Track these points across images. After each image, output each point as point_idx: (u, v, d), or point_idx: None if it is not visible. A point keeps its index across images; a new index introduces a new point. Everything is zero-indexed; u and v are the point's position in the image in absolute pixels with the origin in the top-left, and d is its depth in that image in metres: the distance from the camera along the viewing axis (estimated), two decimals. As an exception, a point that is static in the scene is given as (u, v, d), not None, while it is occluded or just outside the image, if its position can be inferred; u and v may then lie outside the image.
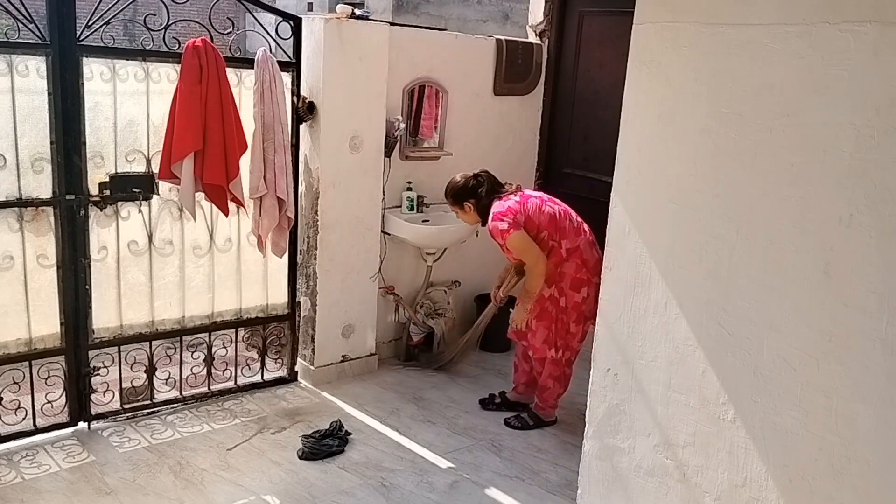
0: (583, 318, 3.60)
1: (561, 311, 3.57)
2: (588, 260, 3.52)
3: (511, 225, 3.45)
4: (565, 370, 3.73)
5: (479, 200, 3.62)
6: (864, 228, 1.82)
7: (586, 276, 3.51)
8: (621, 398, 2.43)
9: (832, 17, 1.85)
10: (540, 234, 3.49)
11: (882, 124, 1.78)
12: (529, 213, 3.50)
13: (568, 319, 3.59)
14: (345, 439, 3.53)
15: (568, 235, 3.52)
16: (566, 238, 3.51)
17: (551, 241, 3.51)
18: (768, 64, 1.97)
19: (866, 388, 1.84)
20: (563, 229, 3.52)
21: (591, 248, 3.55)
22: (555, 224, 3.51)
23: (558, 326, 3.59)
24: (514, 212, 3.48)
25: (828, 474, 1.93)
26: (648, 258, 2.30)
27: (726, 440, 2.15)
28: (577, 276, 3.51)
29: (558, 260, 3.51)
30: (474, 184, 3.65)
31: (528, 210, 3.50)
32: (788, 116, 1.95)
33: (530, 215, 3.49)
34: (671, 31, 2.18)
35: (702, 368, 2.19)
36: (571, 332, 3.62)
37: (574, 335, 3.64)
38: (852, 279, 1.85)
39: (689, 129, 2.17)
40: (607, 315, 2.46)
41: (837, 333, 1.89)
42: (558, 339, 3.62)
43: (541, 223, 3.49)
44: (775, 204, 1.99)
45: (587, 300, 3.53)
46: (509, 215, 3.47)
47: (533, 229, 3.48)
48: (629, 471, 2.43)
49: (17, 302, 3.21)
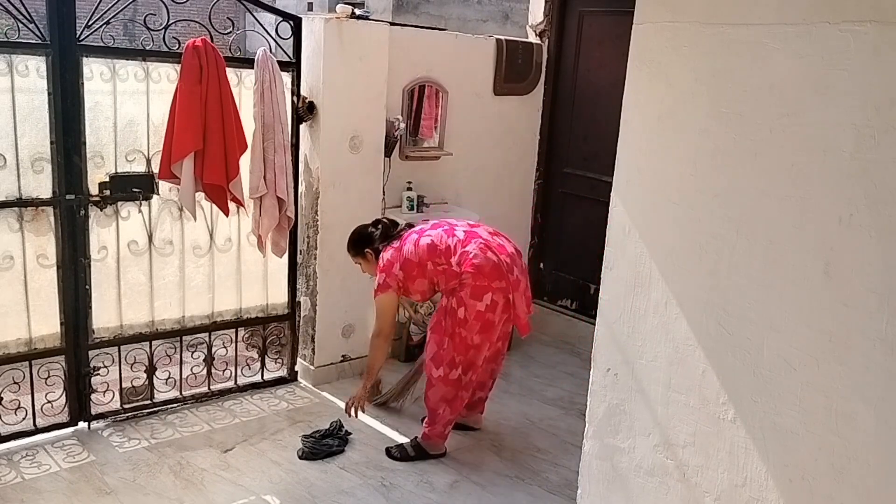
0: (490, 328, 3.31)
1: (459, 324, 3.29)
2: (482, 266, 3.25)
3: (381, 286, 3.40)
4: (460, 393, 3.40)
5: (377, 249, 3.51)
6: (865, 228, 1.82)
7: (486, 283, 3.25)
8: (621, 398, 2.43)
9: (832, 17, 1.85)
10: (424, 266, 3.35)
11: (882, 124, 1.78)
12: (406, 256, 3.36)
13: (469, 332, 3.28)
14: (345, 439, 3.53)
15: (455, 251, 3.31)
16: (453, 254, 3.31)
17: (438, 266, 3.33)
18: (768, 64, 1.97)
19: (866, 388, 1.84)
20: (446, 249, 3.32)
21: (486, 253, 3.28)
22: (435, 250, 3.33)
23: (455, 342, 3.31)
24: (390, 264, 3.39)
25: (828, 474, 1.93)
26: (648, 258, 2.30)
27: (726, 440, 2.15)
28: (476, 284, 3.25)
29: (452, 275, 3.31)
30: (371, 231, 3.56)
31: (403, 255, 3.37)
32: (788, 116, 1.95)
33: (408, 258, 3.36)
34: (671, 31, 2.18)
35: (702, 368, 2.19)
36: (475, 345, 3.31)
37: (478, 348, 3.33)
38: (852, 279, 1.85)
39: (689, 129, 2.17)
40: (607, 315, 2.45)
41: (837, 333, 1.89)
42: (456, 355, 3.32)
43: (421, 258, 3.34)
44: (775, 204, 1.99)
45: (493, 307, 3.27)
46: (386, 270, 3.39)
47: (414, 268, 3.35)
48: (629, 471, 2.43)
49: (17, 302, 3.21)
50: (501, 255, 3.32)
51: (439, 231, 3.41)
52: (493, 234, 3.44)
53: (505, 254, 3.34)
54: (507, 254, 3.35)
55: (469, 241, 3.34)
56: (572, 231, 4.96)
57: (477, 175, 4.74)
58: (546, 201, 5.09)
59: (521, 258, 3.46)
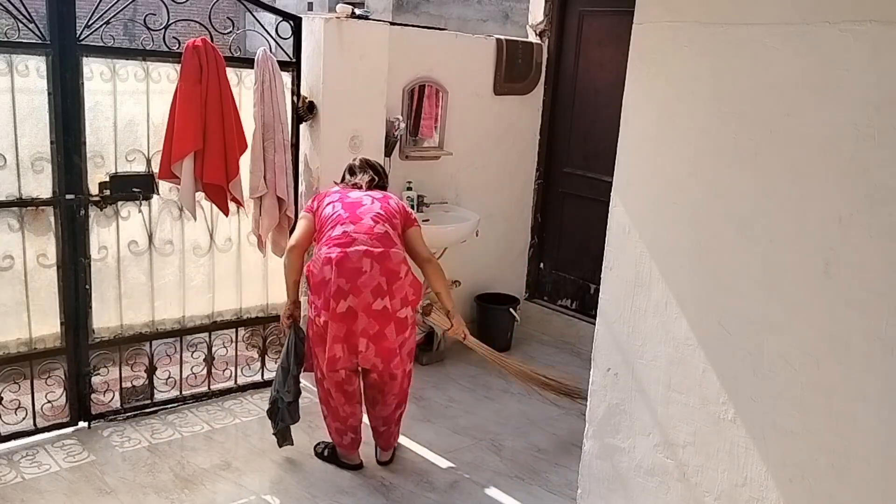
0: (319, 341, 3.08)
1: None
2: (312, 274, 3.09)
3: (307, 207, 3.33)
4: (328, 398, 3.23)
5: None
6: (864, 228, 1.82)
7: (313, 296, 3.10)
8: (621, 398, 2.43)
9: (832, 17, 1.85)
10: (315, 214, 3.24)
11: (882, 123, 1.78)
12: (322, 197, 3.30)
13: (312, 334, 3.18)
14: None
15: (327, 225, 3.14)
16: (324, 229, 3.15)
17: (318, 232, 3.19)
18: (768, 63, 1.97)
19: (866, 387, 1.84)
20: (328, 219, 3.15)
21: (326, 265, 3.00)
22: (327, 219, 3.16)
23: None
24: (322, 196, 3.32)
25: (828, 474, 1.93)
26: (648, 258, 2.30)
27: (726, 440, 2.15)
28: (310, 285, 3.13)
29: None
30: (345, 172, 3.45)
31: (323, 196, 3.31)
32: (788, 116, 1.95)
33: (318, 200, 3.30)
34: (671, 31, 2.18)
35: (702, 368, 2.19)
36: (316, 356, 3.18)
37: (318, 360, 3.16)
38: (852, 278, 1.85)
39: (689, 129, 2.17)
40: (607, 315, 2.46)
41: (837, 333, 1.89)
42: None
43: (320, 209, 3.24)
44: (775, 203, 1.99)
45: (322, 325, 3.04)
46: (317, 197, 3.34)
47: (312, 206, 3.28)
48: (629, 470, 2.43)
49: (17, 302, 3.21)
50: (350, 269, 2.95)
51: (347, 201, 3.16)
52: (377, 237, 3.02)
53: (354, 272, 2.95)
54: (357, 272, 2.95)
55: (337, 225, 3.05)
56: (572, 231, 4.96)
57: (477, 175, 4.74)
58: (546, 201, 5.09)
59: (390, 283, 3.00)
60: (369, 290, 2.96)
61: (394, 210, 3.19)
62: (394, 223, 3.14)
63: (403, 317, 3.08)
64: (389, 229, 3.10)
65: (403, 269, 3.05)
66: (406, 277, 3.06)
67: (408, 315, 3.12)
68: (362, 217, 3.08)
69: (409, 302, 3.10)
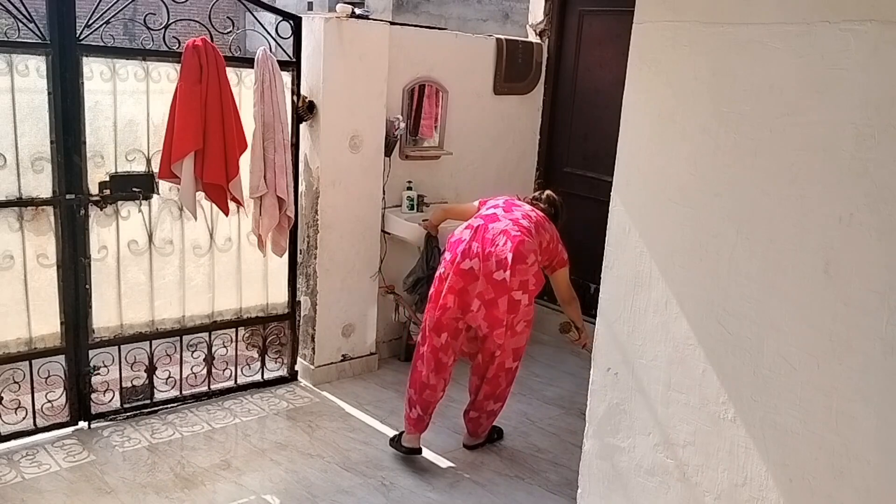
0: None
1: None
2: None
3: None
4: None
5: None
6: (865, 228, 1.82)
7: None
8: (621, 397, 2.43)
9: (832, 17, 1.85)
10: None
11: (882, 123, 1.78)
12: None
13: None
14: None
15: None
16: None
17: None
18: (768, 63, 1.97)
19: (866, 387, 1.84)
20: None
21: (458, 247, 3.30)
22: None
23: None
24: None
25: (828, 474, 1.93)
26: (648, 257, 2.30)
27: (726, 439, 2.15)
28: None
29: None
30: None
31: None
32: (788, 116, 1.95)
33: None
34: (671, 31, 2.18)
35: (702, 368, 2.19)
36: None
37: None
38: (853, 278, 1.85)
39: (689, 129, 2.17)
40: (607, 314, 2.45)
41: (838, 333, 1.89)
42: None
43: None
44: (775, 203, 1.99)
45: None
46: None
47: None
48: (629, 470, 2.43)
49: (17, 301, 3.21)
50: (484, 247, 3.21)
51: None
52: (499, 232, 3.26)
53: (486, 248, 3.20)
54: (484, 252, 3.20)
55: (491, 209, 3.41)
56: (572, 231, 4.94)
57: (477, 174, 4.74)
58: (546, 201, 5.08)
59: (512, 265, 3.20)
60: (495, 260, 3.16)
61: (547, 238, 3.35)
62: (541, 241, 3.31)
63: (518, 299, 3.20)
64: (534, 236, 3.26)
65: (532, 258, 3.20)
66: (532, 267, 3.20)
67: (522, 300, 3.22)
68: (515, 215, 3.33)
69: (529, 290, 3.22)
